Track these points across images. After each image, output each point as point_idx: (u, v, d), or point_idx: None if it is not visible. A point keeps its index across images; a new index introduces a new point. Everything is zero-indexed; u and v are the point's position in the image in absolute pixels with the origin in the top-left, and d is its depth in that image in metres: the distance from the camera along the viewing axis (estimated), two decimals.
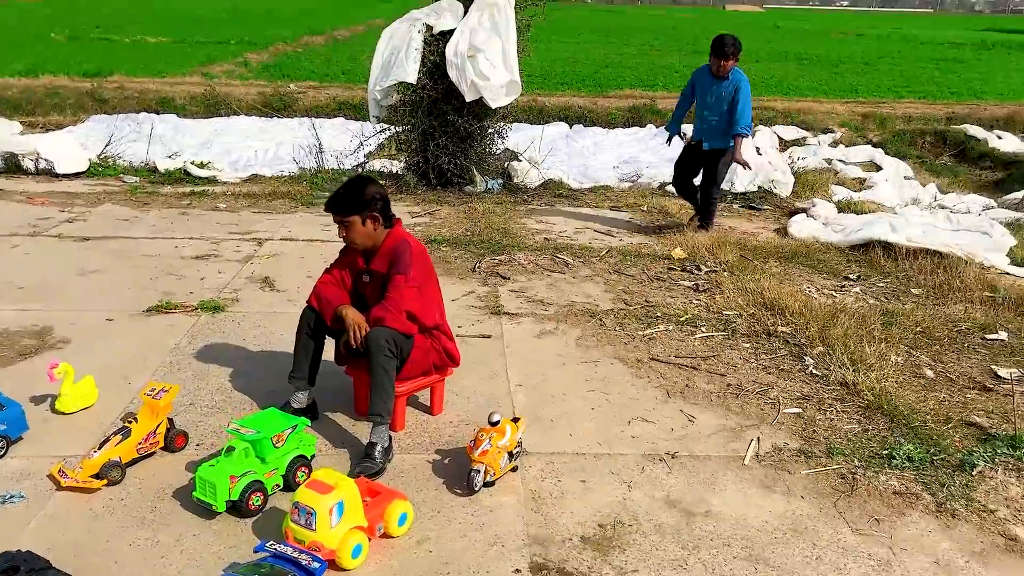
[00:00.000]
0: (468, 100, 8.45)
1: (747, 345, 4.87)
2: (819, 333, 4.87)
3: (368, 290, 3.77)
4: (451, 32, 8.57)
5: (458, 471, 3.46)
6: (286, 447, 3.29)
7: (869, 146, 14.50)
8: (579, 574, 2.87)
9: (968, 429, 3.91)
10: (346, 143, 10.05)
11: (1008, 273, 6.38)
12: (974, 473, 3.52)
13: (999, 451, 3.66)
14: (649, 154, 12.77)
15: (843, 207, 8.34)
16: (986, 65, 29.78)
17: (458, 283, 5.88)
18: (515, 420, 3.50)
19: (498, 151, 9.35)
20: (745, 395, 4.26)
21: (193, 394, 4.07)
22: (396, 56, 8.72)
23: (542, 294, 5.66)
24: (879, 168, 12.60)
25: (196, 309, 5.16)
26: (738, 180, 9.28)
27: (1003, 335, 5.12)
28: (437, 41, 8.63)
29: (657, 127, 15.36)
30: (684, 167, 7.37)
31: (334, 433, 3.77)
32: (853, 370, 4.43)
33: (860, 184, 10.84)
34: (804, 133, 15.05)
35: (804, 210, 8.31)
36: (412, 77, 8.43)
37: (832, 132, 15.50)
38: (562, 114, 13.72)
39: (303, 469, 3.34)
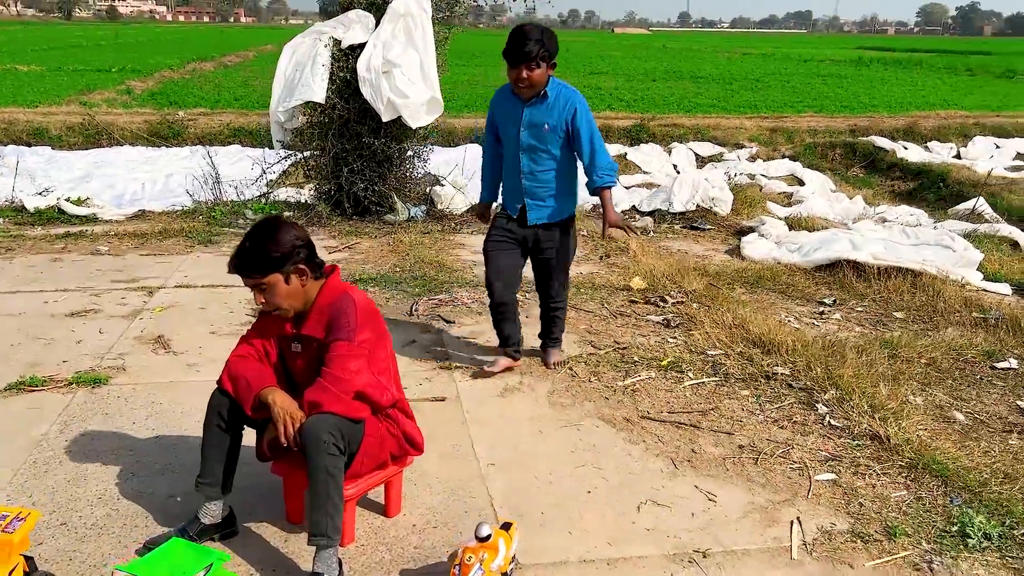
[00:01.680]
0: (385, 120, 7.60)
1: (746, 393, 4.17)
2: (825, 374, 4.22)
3: (299, 363, 2.87)
4: (362, 46, 7.71)
5: None
6: None
7: (788, 160, 14.33)
8: None
9: None
10: (246, 171, 9.01)
11: (985, 290, 5.95)
12: None
13: None
14: None
15: (792, 224, 7.85)
16: (866, 80, 30.89)
17: (395, 330, 4.98)
18: (505, 527, 2.66)
19: (419, 175, 8.51)
20: (764, 459, 3.54)
21: (66, 508, 3.06)
22: (301, 73, 7.80)
23: (495, 340, 4.84)
24: (801, 182, 12.38)
25: (70, 384, 4.11)
26: (676, 198, 8.71)
27: (1013, 363, 4.60)
28: (346, 56, 7.77)
29: None
30: (501, 255, 4.15)
31: (261, 556, 2.84)
32: (877, 418, 3.78)
33: (787, 199, 10.48)
34: (720, 149, 14.82)
35: (751, 229, 7.78)
36: (320, 96, 7.53)
37: (745, 147, 15.31)
38: (471, 136, 13.03)
39: None
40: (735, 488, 3.32)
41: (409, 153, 8.26)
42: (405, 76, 7.66)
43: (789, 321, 5.26)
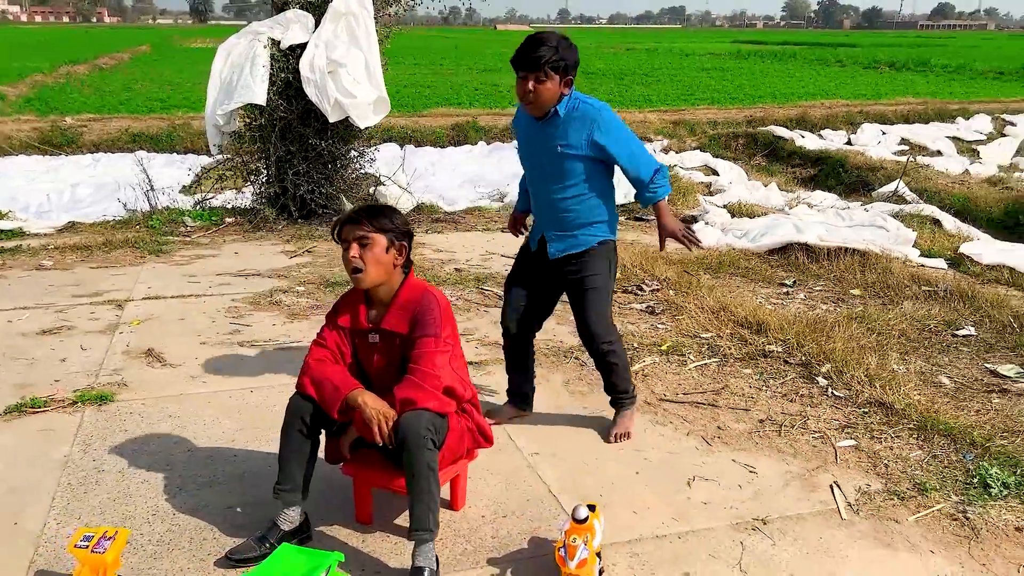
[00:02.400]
0: (332, 121, 7.52)
1: (748, 371, 4.40)
2: (817, 349, 4.50)
3: (375, 357, 2.88)
4: (302, 47, 7.60)
5: None
6: None
7: (698, 151, 14.86)
8: None
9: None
10: (180, 177, 8.73)
11: (924, 265, 6.42)
12: None
13: None
14: (491, 171, 12.34)
15: (733, 211, 8.22)
16: (747, 72, 32.33)
17: None
18: (591, 508, 2.76)
19: (365, 176, 8.45)
20: (786, 431, 3.76)
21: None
22: (239, 75, 7.62)
23: (493, 335, 4.92)
24: (715, 172, 12.88)
25: (75, 403, 3.94)
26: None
27: (971, 329, 5.01)
28: (286, 57, 7.64)
29: (488, 143, 14.95)
30: (521, 294, 3.72)
31: (344, 556, 2.83)
32: (877, 386, 4.07)
33: (708, 188, 10.93)
34: None
35: (694, 218, 8.10)
36: (261, 98, 7.38)
37: (655, 140, 15.76)
38: (386, 135, 12.98)
39: None
40: (769, 459, 3.52)
41: (354, 154, 8.20)
42: (351, 76, 7.60)
43: (760, 303, 5.54)
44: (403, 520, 3.06)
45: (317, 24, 7.72)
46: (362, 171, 8.33)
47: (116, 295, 5.59)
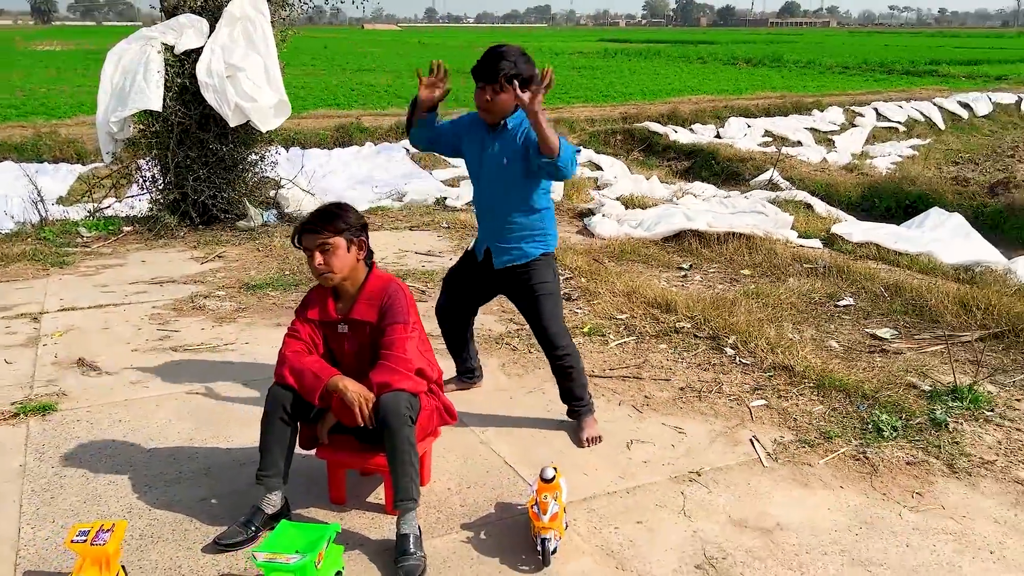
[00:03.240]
0: (233, 125, 7.54)
1: (664, 346, 4.81)
2: (722, 323, 4.96)
3: (346, 346, 3.09)
4: (198, 51, 7.57)
5: (507, 546, 2.95)
6: (325, 567, 2.56)
7: (581, 147, 15.39)
8: None
9: (908, 390, 4.18)
10: (49, 188, 8.48)
11: (802, 245, 7.06)
12: (950, 430, 3.76)
13: (950, 406, 3.96)
14: (381, 172, 12.48)
15: (626, 203, 8.71)
16: (616, 70, 33.50)
17: None
18: (554, 470, 3.06)
19: (267, 179, 8.46)
20: (704, 396, 4.18)
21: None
22: (132, 81, 7.52)
23: (426, 326, 5.13)
24: (599, 167, 13.45)
25: (16, 415, 3.93)
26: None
27: (850, 300, 5.61)
28: (181, 62, 7.59)
29: (376, 144, 15.05)
30: (461, 290, 3.95)
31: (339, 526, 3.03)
32: (778, 353, 4.56)
33: (595, 183, 11.48)
34: None
35: (590, 211, 8.54)
36: (156, 103, 7.32)
37: None
38: (267, 136, 12.90)
39: None
40: (694, 421, 3.92)
41: (254, 157, 8.20)
42: (250, 80, 7.62)
43: (664, 285, 6.00)
44: (374, 498, 3.28)
45: (212, 29, 7.70)
46: (264, 175, 8.34)
47: (28, 308, 5.48)
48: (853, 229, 7.25)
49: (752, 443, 3.71)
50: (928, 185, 11.66)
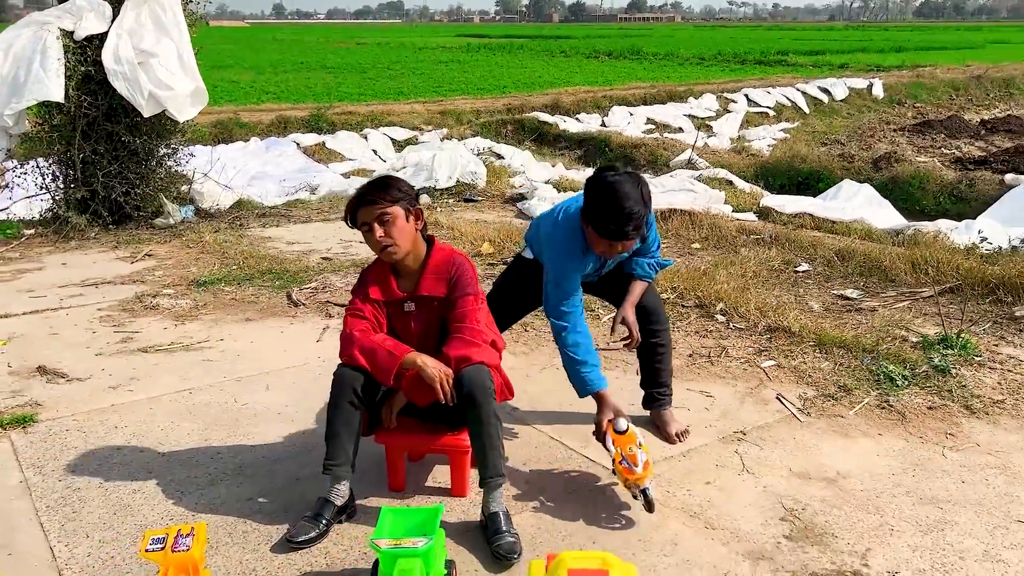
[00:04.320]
0: (147, 115, 7.05)
1: None
2: (708, 292, 5.04)
3: (413, 324, 2.92)
4: (101, 37, 7.03)
5: (588, 513, 2.88)
6: (435, 547, 2.40)
7: (479, 138, 15.37)
8: (836, 571, 2.59)
9: (901, 343, 4.38)
10: None
11: (739, 218, 7.28)
12: (954, 375, 3.97)
13: (945, 354, 4.17)
14: (273, 167, 12.04)
15: (558, 187, 8.73)
16: (484, 64, 33.68)
17: (295, 322, 4.87)
18: (626, 420, 3.01)
19: (184, 172, 7.95)
20: (717, 361, 4.23)
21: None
22: (27, 70, 6.91)
23: None
24: (499, 156, 13.45)
25: None
26: (439, 175, 9.17)
27: (806, 266, 5.83)
28: (83, 49, 7.03)
29: (263, 140, 14.48)
30: (517, 306, 3.69)
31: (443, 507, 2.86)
32: (769, 316, 4.68)
33: (507, 171, 11.47)
34: (413, 132, 15.42)
35: (522, 196, 8.51)
36: (58, 94, 6.76)
37: (426, 129, 16.08)
38: (182, 127, 12.23)
39: (455, 574, 2.49)
40: (715, 385, 3.97)
41: (165, 151, 7.69)
42: (164, 67, 7.15)
43: None
44: (432, 482, 3.14)
45: (116, 12, 7.15)
46: (178, 168, 7.83)
47: None
48: (784, 202, 7.55)
49: (780, 400, 3.78)
50: (818, 162, 12.29)
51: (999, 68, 26.98)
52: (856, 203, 7.89)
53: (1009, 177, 10.71)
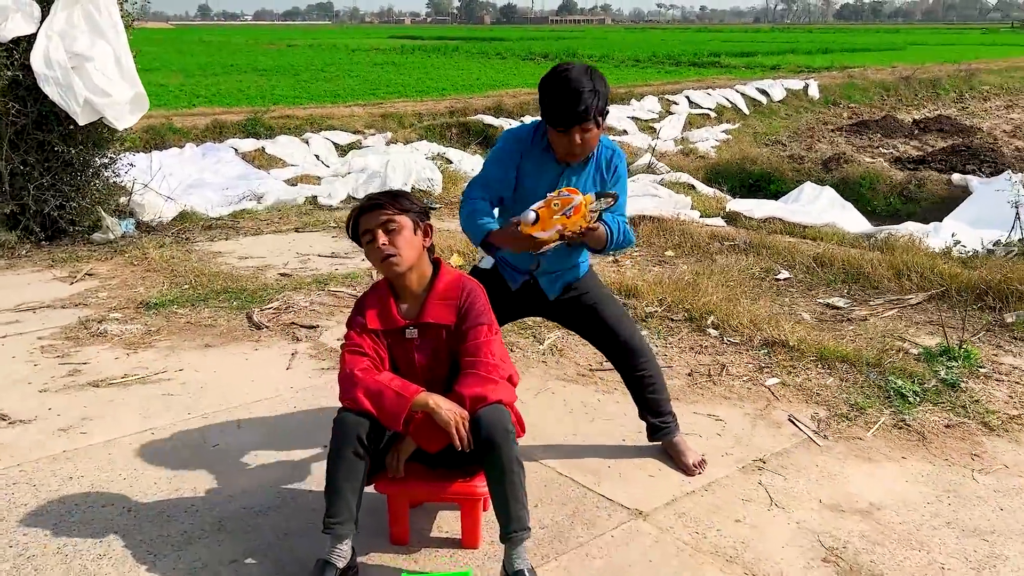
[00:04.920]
0: (83, 123, 6.57)
1: (645, 332, 4.60)
2: (696, 305, 4.83)
3: (417, 356, 2.61)
4: (30, 39, 6.52)
5: (609, 564, 2.62)
6: None
7: (425, 142, 15.04)
8: None
9: (902, 355, 4.24)
10: None
11: (708, 224, 7.13)
12: (964, 390, 3.83)
13: (949, 367, 4.04)
14: (211, 174, 11.52)
15: None
16: (420, 66, 33.27)
17: (260, 348, 4.50)
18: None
19: (122, 184, 7.44)
20: (719, 380, 4.02)
21: None
22: None
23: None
24: (449, 160, 13.15)
25: None
26: (392, 182, 8.83)
27: (786, 273, 5.69)
28: (9, 51, 6.50)
29: (199, 146, 13.87)
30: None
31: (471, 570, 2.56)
32: (763, 329, 4.49)
33: (460, 176, 11.17)
34: (356, 136, 15.01)
35: None
36: None
37: (366, 134, 15.66)
38: (120, 135, 11.57)
39: None
40: (724, 408, 3.75)
41: (102, 161, 7.18)
42: (100, 71, 6.67)
43: (599, 271, 5.80)
44: (439, 531, 2.84)
45: (45, 13, 6.63)
46: (117, 179, 7.33)
47: None
48: (753, 206, 7.43)
49: (793, 422, 3.59)
50: (768, 164, 12.31)
51: (925, 69, 27.74)
52: (820, 206, 7.83)
53: (956, 177, 10.85)
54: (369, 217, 2.53)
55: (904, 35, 69.65)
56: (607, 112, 2.94)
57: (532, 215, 2.70)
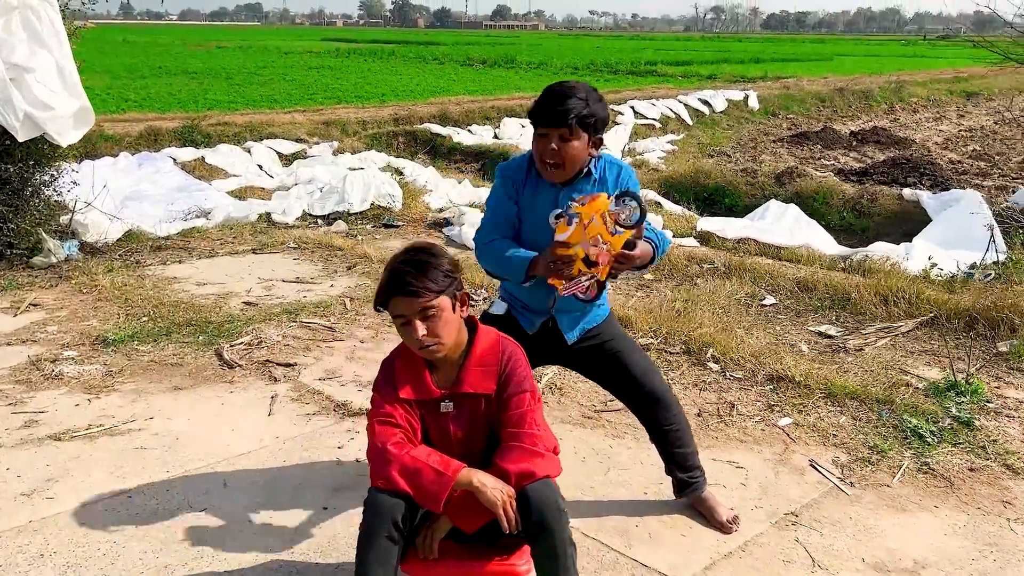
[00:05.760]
0: (22, 140, 6.12)
1: None
2: (692, 337, 4.67)
3: (452, 429, 2.36)
4: None
5: None
6: None
7: (373, 151, 14.72)
8: None
9: (908, 389, 4.15)
10: None
11: (682, 245, 7.01)
12: (979, 427, 3.75)
13: (959, 403, 3.96)
14: (149, 185, 11.02)
15: (482, 210, 8.23)
16: (357, 70, 32.78)
17: (235, 390, 4.17)
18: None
19: (58, 203, 6.96)
20: (729, 420, 3.86)
21: None
22: None
23: (362, 372, 4.36)
24: (400, 172, 12.84)
25: None
26: (351, 198, 8.50)
27: (771, 299, 5.59)
28: None
29: (135, 154, 13.28)
30: None
31: None
32: (765, 363, 4.36)
33: (419, 190, 10.88)
34: (300, 145, 14.61)
35: (446, 221, 7.97)
36: None
37: (310, 143, 15.26)
38: (62, 152, 10.95)
39: None
40: (741, 452, 3.59)
41: (42, 178, 6.70)
42: (42, 83, 6.22)
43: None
44: None
45: None
46: (58, 197, 6.85)
47: None
48: (725, 226, 7.34)
49: (816, 468, 3.44)
50: (722, 177, 12.33)
51: (857, 80, 28.46)
52: (786, 224, 7.79)
53: (907, 192, 11.01)
54: (403, 304, 2.24)
55: (830, 46, 71.67)
56: (599, 133, 2.76)
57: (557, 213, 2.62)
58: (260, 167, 12.56)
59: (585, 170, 2.81)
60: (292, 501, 3.16)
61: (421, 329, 2.22)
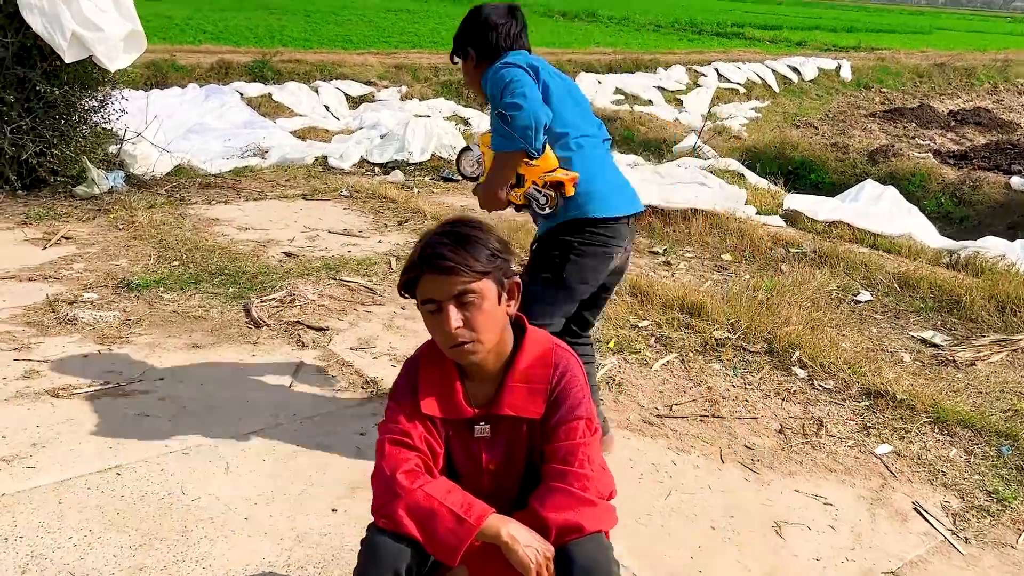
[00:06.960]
0: (69, 61, 5.76)
1: (717, 366, 3.87)
2: (777, 334, 4.08)
3: (485, 457, 1.87)
4: None
5: None
6: None
7: (442, 99, 14.21)
8: None
9: None
10: None
11: (767, 224, 6.35)
12: None
13: None
14: (213, 119, 10.72)
15: None
16: (435, 15, 32.08)
17: (257, 353, 3.75)
18: None
19: (107, 132, 6.62)
20: (815, 441, 3.29)
21: None
22: None
23: (398, 344, 3.90)
24: (467, 123, 12.32)
25: None
26: (412, 147, 8.02)
27: (867, 295, 4.94)
28: None
29: (203, 87, 12.99)
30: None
31: None
32: (862, 373, 3.76)
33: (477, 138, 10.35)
34: (369, 88, 14.14)
35: None
36: None
37: (379, 86, 14.77)
38: (113, 77, 10.71)
39: None
40: (829, 483, 3.03)
41: (91, 104, 6.36)
42: (92, 2, 5.83)
43: (649, 275, 5.06)
44: None
45: None
46: (107, 125, 6.51)
47: None
48: (812, 205, 6.65)
49: (921, 515, 2.87)
50: (810, 150, 11.50)
51: (959, 56, 26.74)
52: (883, 208, 7.04)
53: (1015, 181, 10.08)
54: (436, 284, 1.73)
55: (929, 18, 68.01)
56: (468, 48, 2.92)
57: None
58: (327, 108, 12.22)
59: None
60: (299, 497, 2.73)
61: (456, 319, 1.71)
